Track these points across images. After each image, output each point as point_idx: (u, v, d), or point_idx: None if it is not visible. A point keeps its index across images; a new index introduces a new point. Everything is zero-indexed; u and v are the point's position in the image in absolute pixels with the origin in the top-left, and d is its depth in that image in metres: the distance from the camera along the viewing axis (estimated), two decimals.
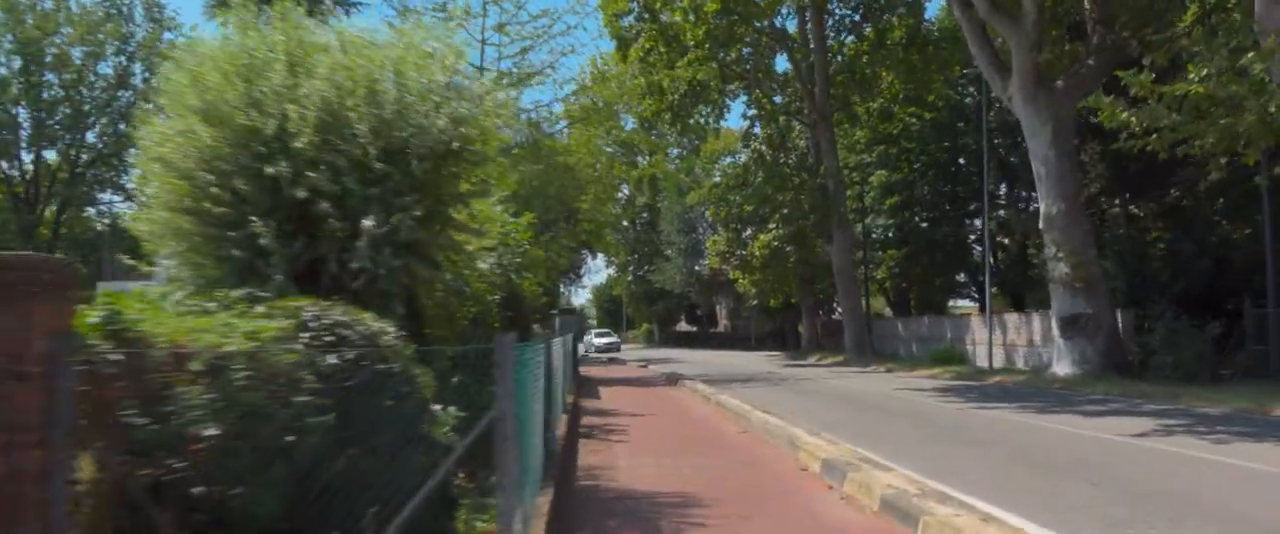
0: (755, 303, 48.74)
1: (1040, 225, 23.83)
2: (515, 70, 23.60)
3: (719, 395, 19.11)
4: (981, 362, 28.62)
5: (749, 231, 42.96)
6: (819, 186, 36.43)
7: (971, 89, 38.69)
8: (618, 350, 53.88)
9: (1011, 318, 31.15)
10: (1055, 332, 23.41)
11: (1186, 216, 26.59)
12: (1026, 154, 24.64)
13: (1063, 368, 22.19)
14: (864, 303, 40.29)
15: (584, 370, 30.09)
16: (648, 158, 72.36)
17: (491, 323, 10.07)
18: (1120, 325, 23.32)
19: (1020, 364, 28.25)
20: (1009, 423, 13.59)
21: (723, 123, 46.62)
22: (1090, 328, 21.88)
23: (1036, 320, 28.57)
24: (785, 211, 36.81)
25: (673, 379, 26.81)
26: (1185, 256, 23.93)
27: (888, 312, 51.43)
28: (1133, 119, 15.81)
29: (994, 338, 29.31)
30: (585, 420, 15.92)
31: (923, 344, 37.74)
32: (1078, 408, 15.39)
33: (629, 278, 72.72)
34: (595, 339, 55.66)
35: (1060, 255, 22.36)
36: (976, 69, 27.65)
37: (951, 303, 51.16)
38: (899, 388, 21.78)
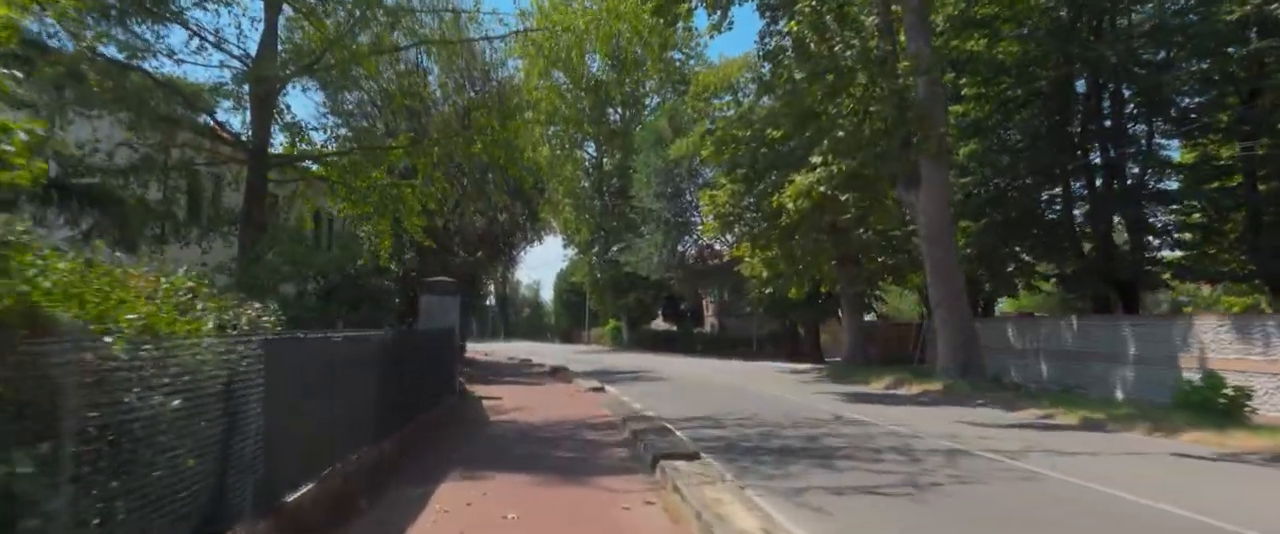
0: (769, 292, 33.47)
1: None
2: None
3: None
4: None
5: (766, 182, 27.66)
6: (895, 92, 21.23)
7: None
8: None
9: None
10: None
11: None
12: None
13: None
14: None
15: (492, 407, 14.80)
16: (620, 110, 57.06)
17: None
18: None
19: None
20: None
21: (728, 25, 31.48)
22: None
23: None
24: (842, 133, 21.56)
25: (650, 451, 11.52)
26: None
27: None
28: None
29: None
30: None
31: (1060, 363, 22.69)
32: None
33: (592, 260, 57.19)
34: None
35: None
36: None
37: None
38: None
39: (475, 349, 49.45)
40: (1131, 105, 28.39)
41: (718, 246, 47.70)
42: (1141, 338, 19.82)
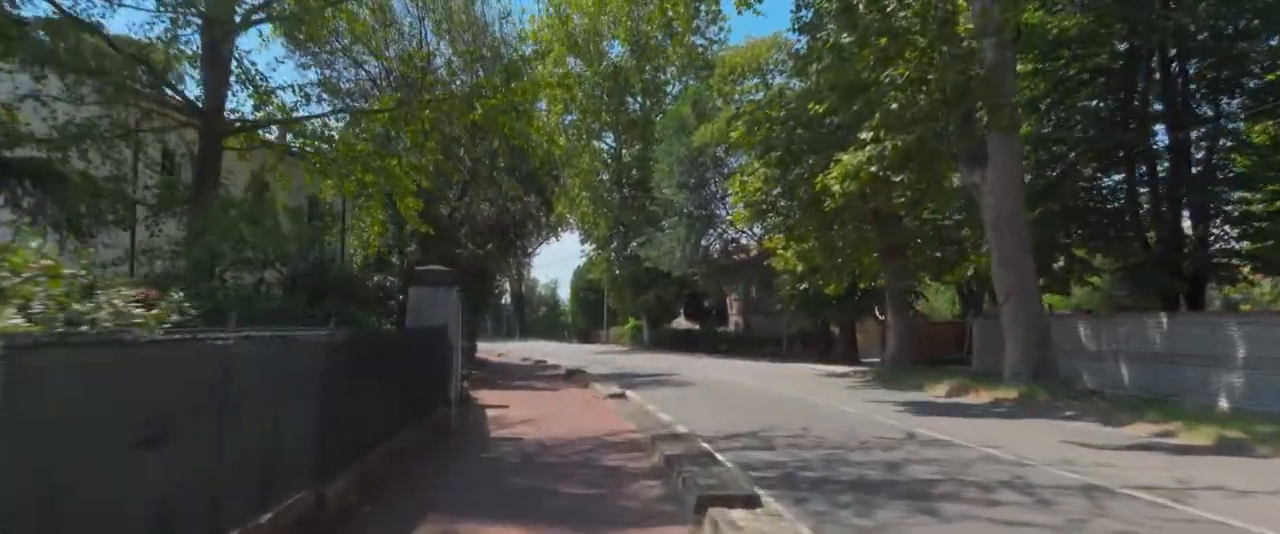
0: (803, 288, 30.71)
1: None
2: None
3: None
4: None
5: (804, 165, 24.92)
6: (957, 57, 18.51)
7: None
8: None
9: None
10: None
11: None
12: None
13: None
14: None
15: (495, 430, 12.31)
16: (640, 99, 54.49)
17: None
18: None
19: None
20: None
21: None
22: None
23: None
24: (896, 106, 18.84)
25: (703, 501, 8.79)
26: None
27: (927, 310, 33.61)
28: None
29: None
30: None
31: (1145, 367, 19.88)
32: None
33: (611, 255, 54.54)
34: None
35: None
36: None
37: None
38: None
39: (488, 349, 47.11)
40: (1199, 83, 25.57)
41: (744, 240, 45.02)
42: (1253, 338, 16.96)
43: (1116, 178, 28.23)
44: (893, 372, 25.34)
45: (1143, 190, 27.08)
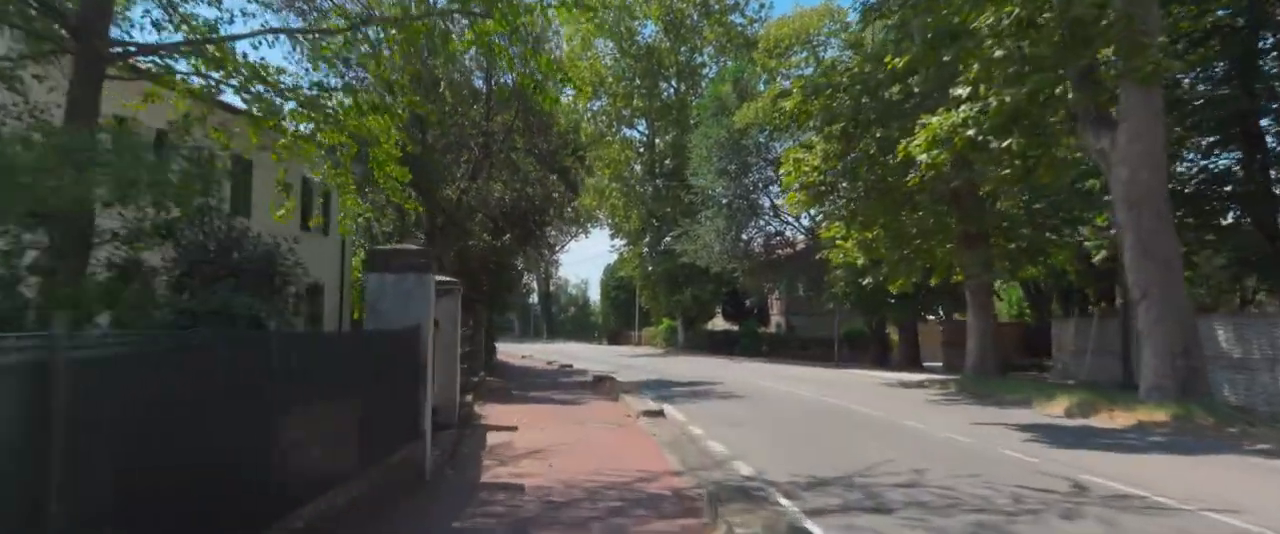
0: (864, 283, 26.79)
1: None
2: None
3: None
4: None
5: (871, 139, 21.11)
6: None
7: None
8: None
9: None
10: None
11: None
12: None
13: None
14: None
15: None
16: (675, 83, 50.80)
17: None
18: None
19: None
20: None
21: None
22: None
23: None
24: (1001, 54, 14.98)
25: None
26: None
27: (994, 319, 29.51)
28: None
29: None
30: None
31: None
32: None
33: (643, 251, 50.85)
34: None
35: None
36: None
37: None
38: None
39: (512, 352, 43.75)
40: None
41: (789, 232, 41.16)
42: None
43: (1231, 157, 24.13)
44: (978, 381, 21.41)
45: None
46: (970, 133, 15.61)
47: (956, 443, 11.77)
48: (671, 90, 50.81)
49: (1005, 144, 15.49)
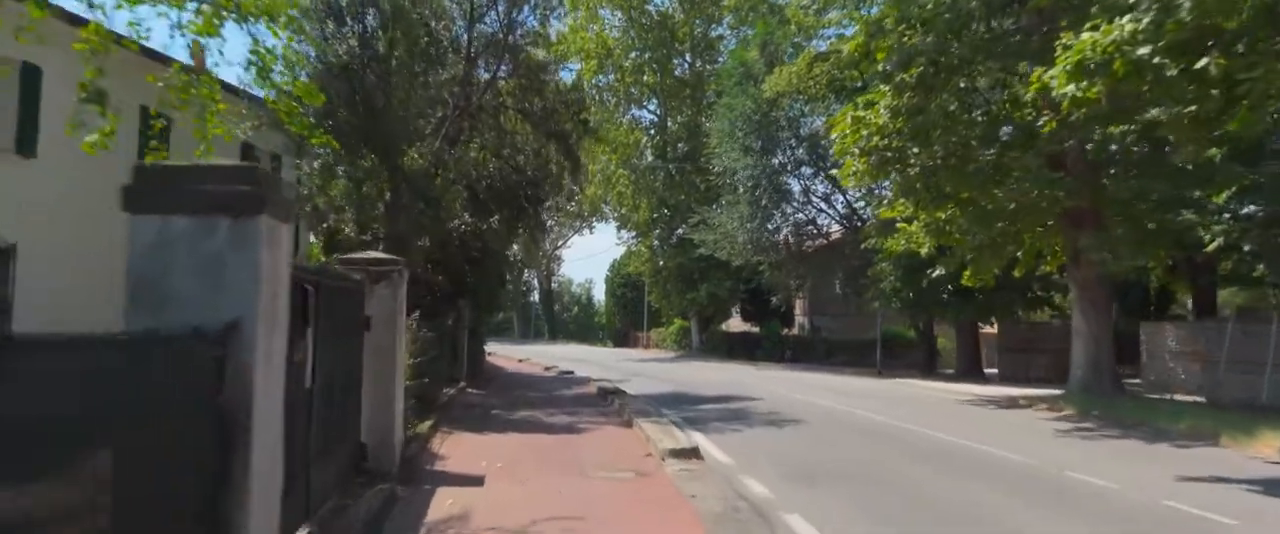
0: (934, 276, 21.96)
1: None
2: None
3: None
4: None
5: (953, 89, 16.36)
6: None
7: None
8: None
9: None
10: None
11: None
12: None
13: None
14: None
15: None
16: (688, 58, 46.03)
17: None
18: None
19: None
20: None
21: None
22: None
23: None
24: None
25: None
26: None
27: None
28: None
29: None
30: None
31: None
32: None
33: (653, 244, 46.01)
34: None
35: None
36: None
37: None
38: None
39: (508, 354, 39.01)
40: None
41: (822, 221, 36.34)
42: None
43: None
44: (1093, 401, 16.57)
45: None
46: (1141, 52, 10.81)
47: (1179, 516, 6.99)
48: (685, 66, 46.00)
49: (1198, 66, 10.67)
